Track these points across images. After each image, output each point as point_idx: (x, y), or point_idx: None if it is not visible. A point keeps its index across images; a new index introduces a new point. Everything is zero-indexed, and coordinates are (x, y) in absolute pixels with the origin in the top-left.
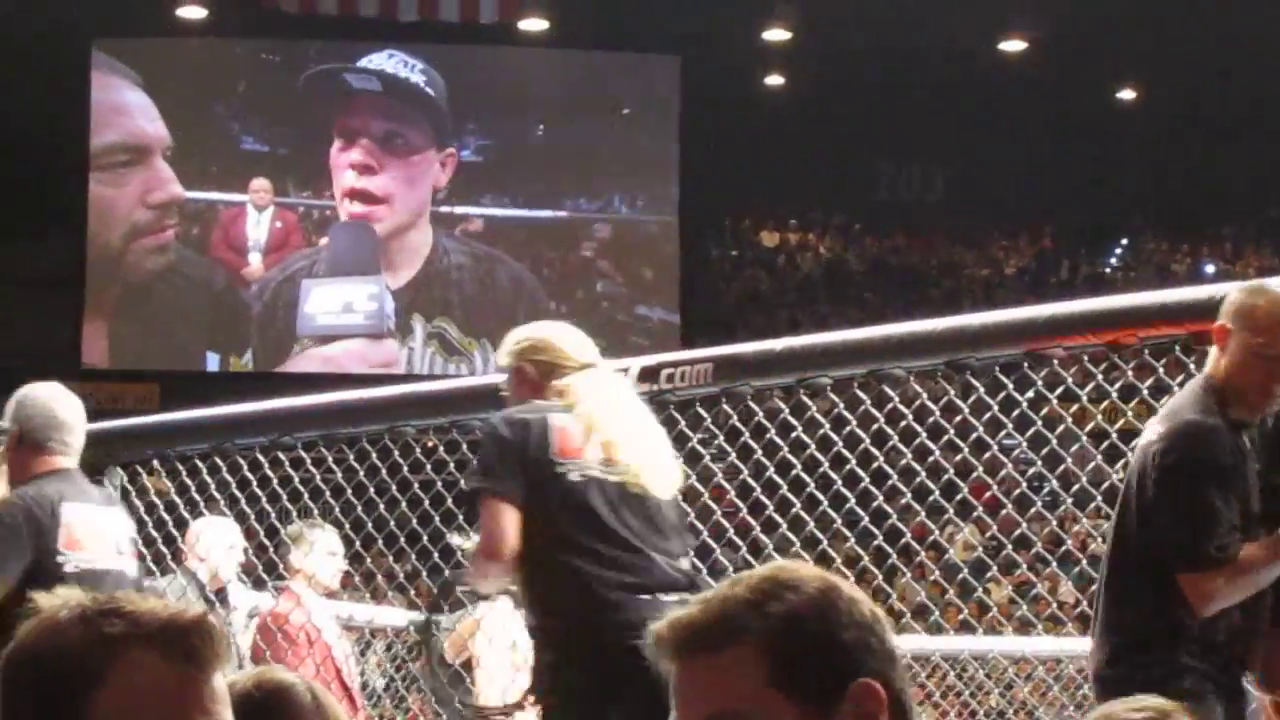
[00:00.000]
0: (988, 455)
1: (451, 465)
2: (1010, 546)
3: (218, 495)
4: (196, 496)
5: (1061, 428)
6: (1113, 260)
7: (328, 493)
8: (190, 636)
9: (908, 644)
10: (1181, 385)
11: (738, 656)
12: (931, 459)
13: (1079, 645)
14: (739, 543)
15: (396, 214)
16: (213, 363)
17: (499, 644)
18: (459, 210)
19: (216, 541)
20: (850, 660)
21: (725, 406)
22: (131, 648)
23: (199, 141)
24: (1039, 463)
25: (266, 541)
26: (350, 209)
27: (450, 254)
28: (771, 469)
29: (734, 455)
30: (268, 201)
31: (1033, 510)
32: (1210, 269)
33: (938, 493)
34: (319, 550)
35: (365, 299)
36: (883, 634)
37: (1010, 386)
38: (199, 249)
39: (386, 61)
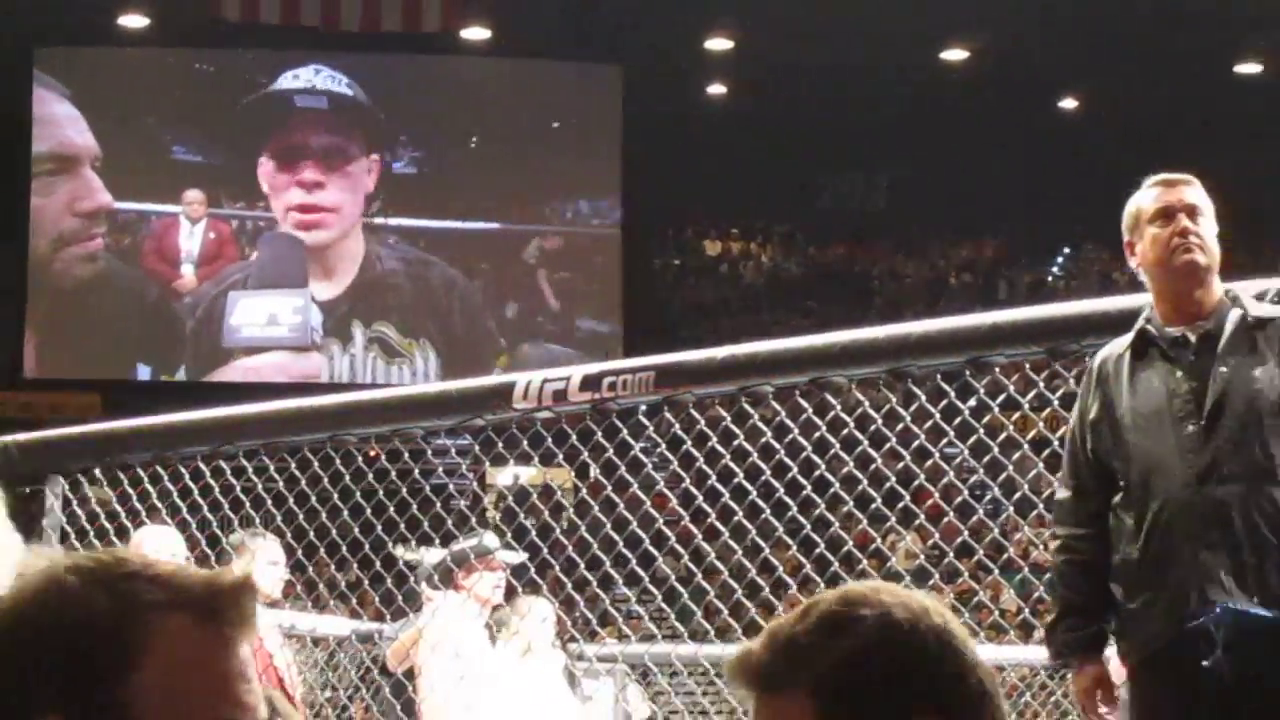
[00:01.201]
0: (930, 463)
1: (393, 474)
2: (952, 554)
3: (159, 504)
4: (138, 505)
5: (1003, 436)
6: (1055, 269)
7: (269, 501)
8: (233, 602)
9: None
10: None
11: (793, 702)
12: (873, 467)
13: (1021, 653)
14: (681, 551)
15: (343, 222)
16: (144, 374)
17: (442, 653)
18: (393, 222)
19: (158, 550)
20: (908, 693)
21: (667, 415)
22: (171, 615)
23: (131, 152)
24: (981, 471)
25: (208, 550)
26: (297, 219)
27: (383, 260)
28: (714, 477)
29: (676, 464)
30: (202, 214)
31: (975, 518)
32: None
33: (880, 501)
34: (261, 559)
35: (290, 312)
36: (949, 653)
37: (952, 395)
38: (130, 261)
39: (315, 77)
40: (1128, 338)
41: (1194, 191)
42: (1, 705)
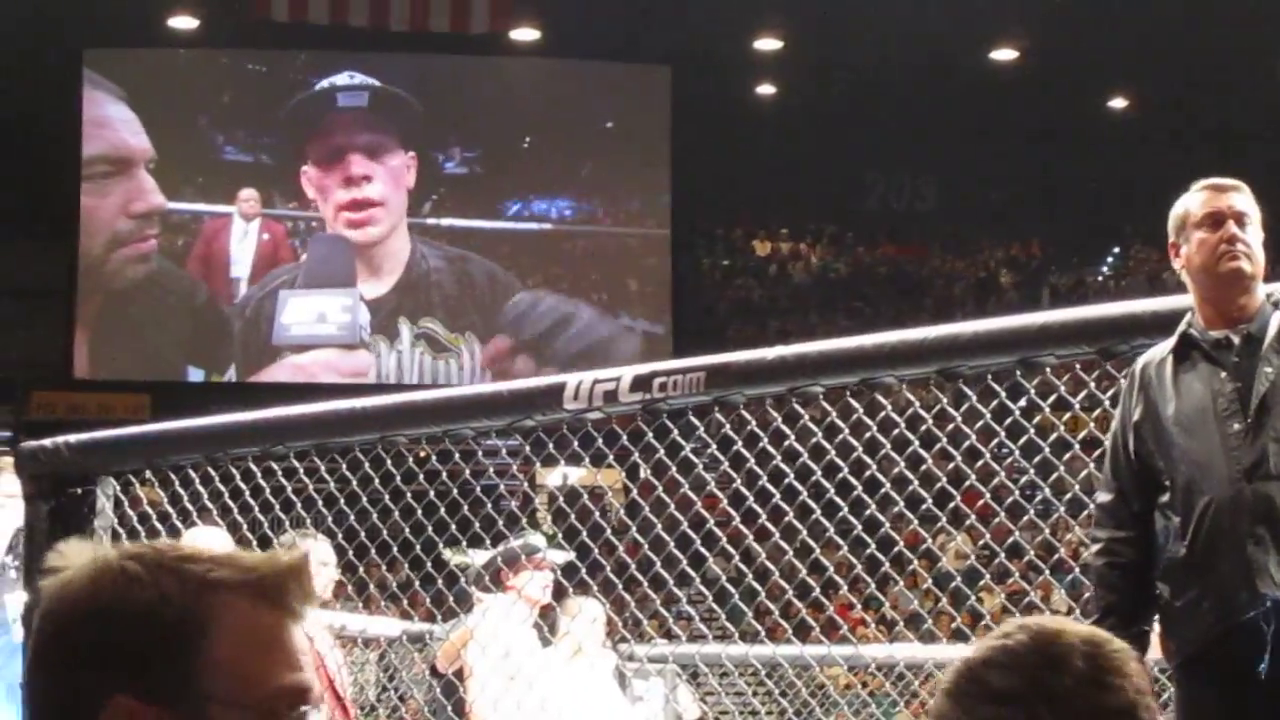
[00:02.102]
0: (980, 464)
1: (444, 475)
2: (1003, 555)
3: (210, 505)
4: (189, 506)
5: (1054, 436)
6: (1104, 269)
7: (320, 502)
8: (292, 581)
9: (900, 652)
10: None
11: None
12: (924, 468)
13: None
14: (732, 552)
15: (390, 217)
16: (195, 376)
17: (492, 654)
18: (445, 222)
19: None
20: None
21: (718, 416)
22: (233, 593)
23: (183, 153)
24: (1031, 471)
25: (259, 552)
26: (347, 217)
27: (427, 259)
28: (764, 478)
29: (726, 464)
30: (256, 212)
31: (1025, 519)
32: None
33: (930, 501)
34: (311, 560)
35: (339, 310)
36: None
37: (1003, 395)
38: (181, 262)
39: (350, 81)
40: (1170, 342)
41: (1243, 198)
42: (74, 689)
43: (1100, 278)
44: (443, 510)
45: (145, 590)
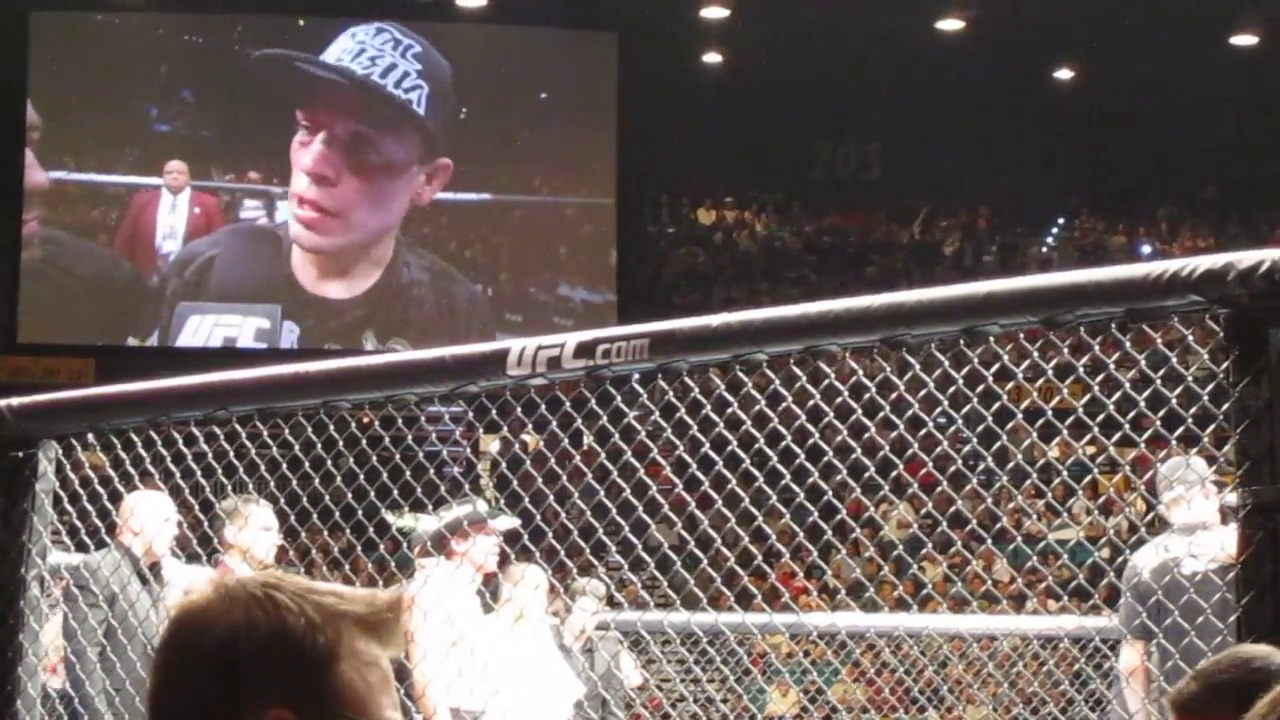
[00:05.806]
0: (923, 433)
1: (387, 441)
2: (945, 524)
3: (152, 469)
4: (131, 470)
5: (997, 406)
6: (1049, 240)
7: (263, 467)
8: (391, 620)
9: (843, 621)
10: (1117, 364)
11: None
12: (867, 436)
13: (1013, 623)
14: (674, 519)
15: (353, 233)
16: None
17: (434, 619)
18: None
19: (150, 515)
20: None
21: (661, 383)
22: (352, 627)
23: (114, 124)
24: (974, 441)
25: (201, 516)
26: (298, 213)
27: (410, 267)
28: (707, 445)
29: (669, 432)
30: (183, 184)
31: (968, 488)
32: (1146, 249)
33: (873, 470)
34: (253, 525)
35: (251, 335)
36: None
37: (946, 364)
38: (95, 236)
39: (376, 38)
40: None
41: None
42: (230, 701)
43: (1045, 248)
44: (385, 476)
45: (297, 618)
